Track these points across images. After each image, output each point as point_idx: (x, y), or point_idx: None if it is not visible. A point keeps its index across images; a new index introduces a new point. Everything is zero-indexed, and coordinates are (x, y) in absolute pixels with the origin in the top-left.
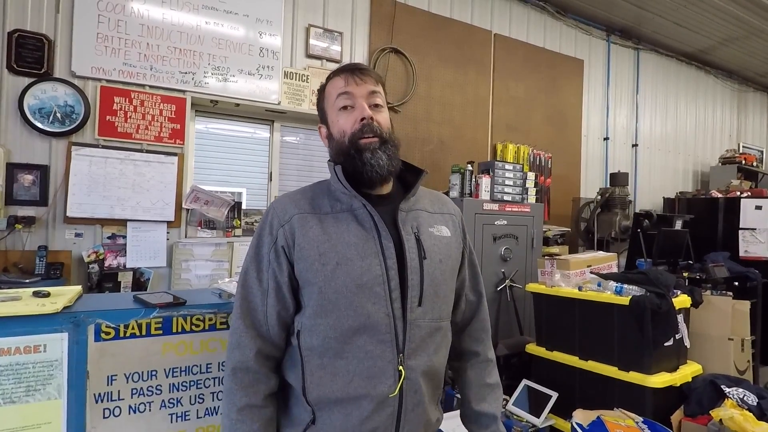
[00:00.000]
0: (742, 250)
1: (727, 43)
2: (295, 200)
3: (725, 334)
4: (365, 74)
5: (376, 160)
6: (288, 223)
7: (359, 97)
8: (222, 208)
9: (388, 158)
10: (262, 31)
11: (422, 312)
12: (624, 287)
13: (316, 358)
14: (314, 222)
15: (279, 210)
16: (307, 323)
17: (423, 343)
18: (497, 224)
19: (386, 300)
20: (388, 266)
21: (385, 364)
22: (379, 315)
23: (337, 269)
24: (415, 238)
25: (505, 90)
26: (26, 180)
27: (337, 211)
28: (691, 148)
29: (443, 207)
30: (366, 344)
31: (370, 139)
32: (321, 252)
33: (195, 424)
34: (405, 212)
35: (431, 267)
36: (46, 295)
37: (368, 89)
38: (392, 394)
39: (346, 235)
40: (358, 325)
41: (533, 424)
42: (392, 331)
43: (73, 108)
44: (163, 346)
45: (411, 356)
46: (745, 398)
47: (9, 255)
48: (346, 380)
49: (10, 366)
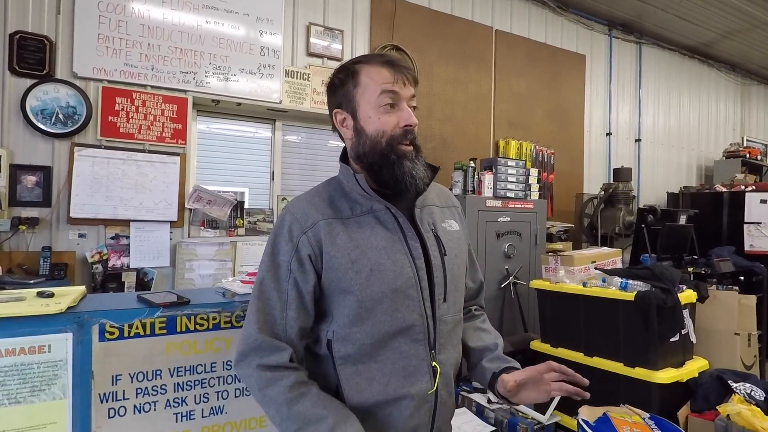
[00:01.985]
0: (747, 244)
1: (730, 35)
2: (315, 204)
3: (731, 328)
4: (410, 74)
5: (417, 171)
6: (312, 230)
7: (404, 98)
8: (224, 207)
9: (424, 169)
10: (262, 30)
11: (447, 308)
12: (629, 283)
13: (350, 365)
14: (340, 228)
15: (299, 215)
16: (340, 332)
17: (449, 337)
18: (500, 221)
19: (419, 301)
20: (417, 267)
21: (419, 362)
22: (414, 317)
23: (371, 276)
24: (433, 235)
25: (506, 86)
26: (29, 181)
27: (358, 214)
28: (694, 143)
29: (448, 200)
30: (400, 345)
31: (407, 147)
32: (353, 260)
33: (200, 423)
34: (420, 209)
35: (451, 263)
36: (50, 296)
37: (412, 92)
38: (431, 391)
39: (372, 239)
40: (395, 330)
41: (539, 422)
42: (425, 330)
43: (75, 109)
44: (167, 346)
45: (441, 351)
46: (753, 393)
47: (13, 256)
48: (383, 383)
49: (14, 366)
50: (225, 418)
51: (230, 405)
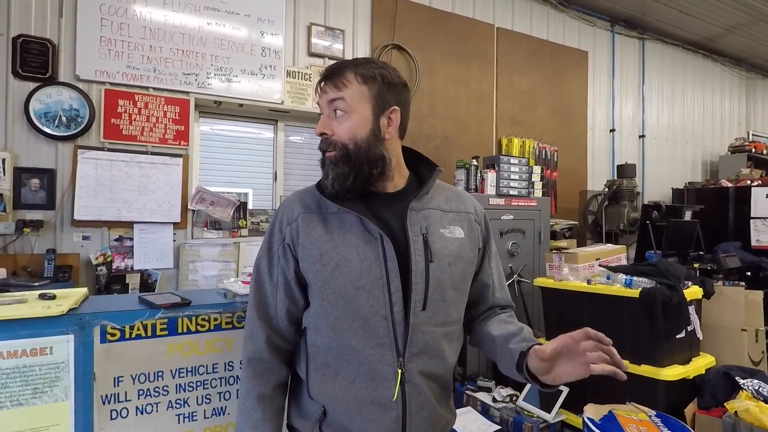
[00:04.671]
0: (754, 239)
1: (734, 30)
2: (303, 199)
3: (738, 324)
4: (329, 80)
5: (333, 179)
6: (295, 222)
7: (323, 108)
8: (227, 208)
9: (344, 175)
10: (263, 30)
11: (427, 316)
12: (634, 279)
13: (321, 356)
14: (318, 222)
15: (287, 208)
16: (311, 322)
17: (427, 347)
18: (504, 219)
19: (385, 303)
20: (388, 268)
21: (384, 367)
22: (377, 318)
23: (336, 270)
24: (423, 239)
25: (509, 84)
26: (33, 184)
27: (343, 210)
28: (699, 138)
29: (460, 205)
30: (366, 347)
31: (330, 153)
32: (322, 252)
33: (202, 424)
34: (416, 211)
35: (438, 270)
36: (52, 298)
37: (328, 98)
38: (393, 399)
39: (348, 236)
40: (356, 326)
41: (544, 420)
42: (391, 335)
43: (78, 112)
44: (168, 347)
45: (412, 360)
46: (761, 389)
47: (18, 259)
48: (349, 380)
49: (16, 368)
50: (227, 419)
51: (232, 406)
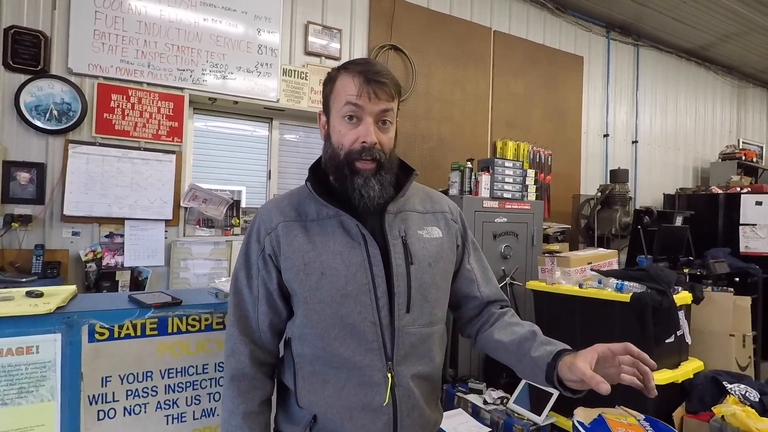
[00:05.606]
0: (743, 245)
1: (727, 39)
2: (281, 207)
3: (726, 330)
4: (382, 88)
5: (367, 191)
6: (274, 231)
7: (369, 114)
8: (220, 206)
9: (380, 188)
10: (260, 28)
11: (411, 319)
12: (625, 284)
13: (308, 365)
14: (299, 230)
15: (265, 217)
16: (296, 332)
17: (414, 349)
18: (497, 222)
19: (373, 308)
20: (374, 274)
21: (374, 372)
22: (365, 324)
23: (321, 279)
24: (402, 242)
25: (504, 87)
26: (23, 178)
27: (323, 217)
28: (691, 145)
29: (435, 205)
30: (355, 354)
31: (367, 164)
32: (306, 262)
33: (191, 425)
34: (393, 214)
35: (419, 272)
36: (39, 295)
37: (381, 107)
38: (384, 403)
39: (331, 243)
40: (344, 334)
41: (534, 422)
42: (379, 339)
43: (70, 105)
44: (158, 347)
45: (401, 363)
46: (747, 394)
47: (5, 254)
48: (338, 387)
49: (1, 368)
50: (217, 420)
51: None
